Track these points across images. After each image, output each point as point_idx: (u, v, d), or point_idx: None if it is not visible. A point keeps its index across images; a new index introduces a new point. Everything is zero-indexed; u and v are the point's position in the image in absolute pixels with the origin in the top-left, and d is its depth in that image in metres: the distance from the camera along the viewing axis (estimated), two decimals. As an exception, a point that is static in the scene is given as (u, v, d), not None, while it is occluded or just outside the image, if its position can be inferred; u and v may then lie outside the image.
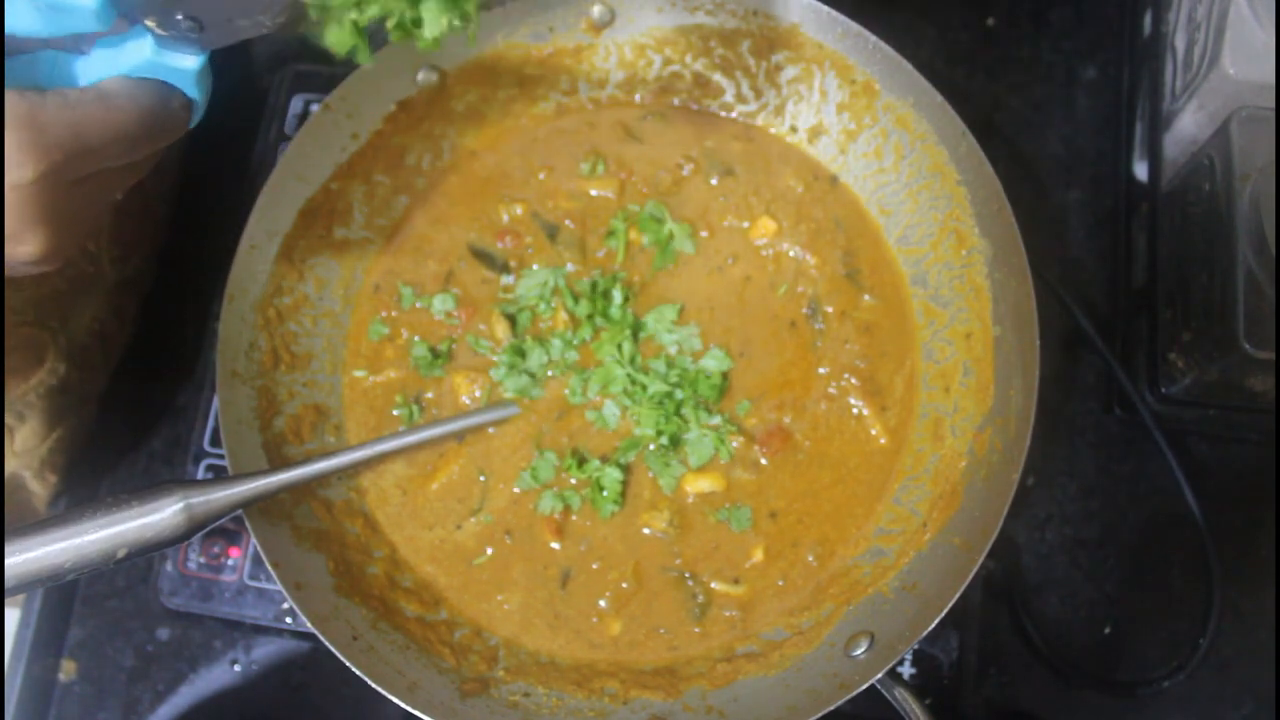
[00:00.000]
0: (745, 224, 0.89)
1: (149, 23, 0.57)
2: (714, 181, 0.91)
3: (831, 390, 0.85)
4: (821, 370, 0.85)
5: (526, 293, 0.87)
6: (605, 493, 0.81)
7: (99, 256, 0.86)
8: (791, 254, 0.88)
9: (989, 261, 0.80)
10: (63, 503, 0.97)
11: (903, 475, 0.82)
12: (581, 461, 0.82)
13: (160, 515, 0.66)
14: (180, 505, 0.66)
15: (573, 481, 0.82)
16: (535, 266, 0.88)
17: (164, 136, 0.61)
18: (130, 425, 1.01)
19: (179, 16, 0.57)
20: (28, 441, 0.88)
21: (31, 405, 0.86)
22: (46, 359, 0.85)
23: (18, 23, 0.55)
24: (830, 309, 0.86)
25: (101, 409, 0.98)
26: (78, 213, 0.59)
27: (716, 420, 0.83)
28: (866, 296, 0.87)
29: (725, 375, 0.84)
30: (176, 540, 0.67)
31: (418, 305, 0.88)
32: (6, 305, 0.80)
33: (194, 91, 0.62)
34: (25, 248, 0.57)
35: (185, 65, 0.60)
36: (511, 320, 0.87)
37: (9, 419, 0.86)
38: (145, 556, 0.67)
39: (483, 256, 0.89)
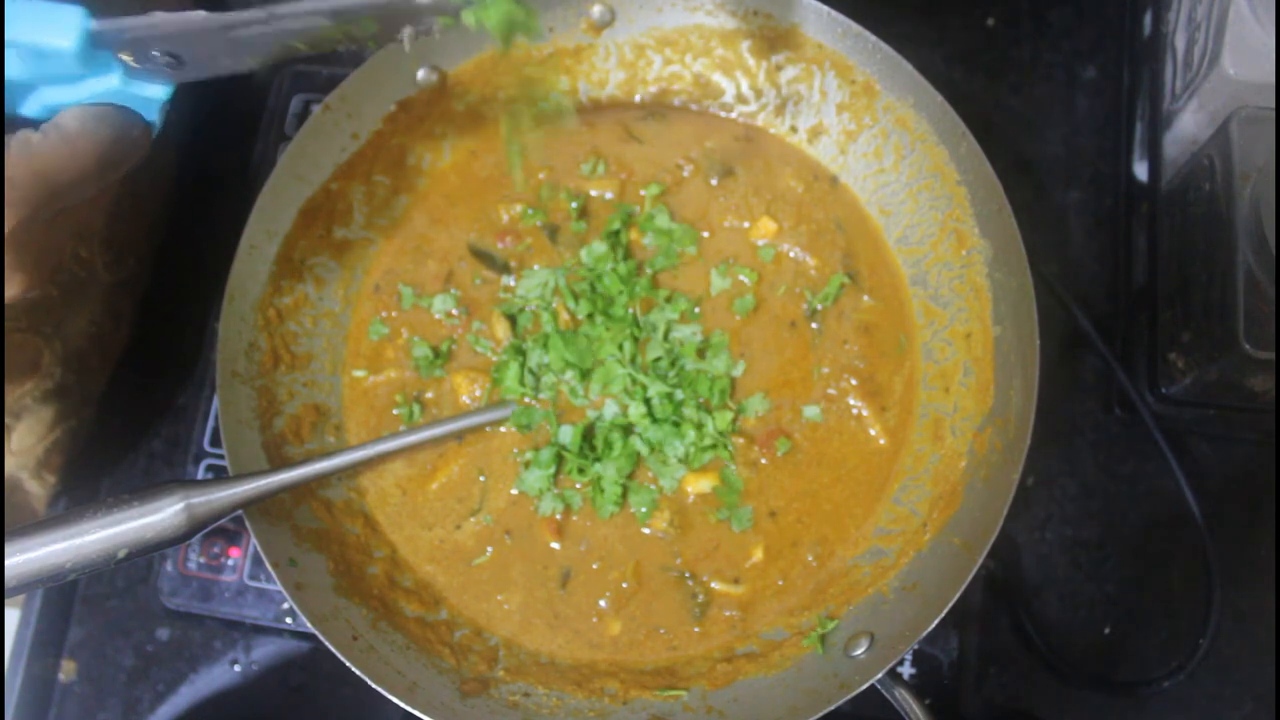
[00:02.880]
0: (745, 224, 0.89)
1: (124, 56, 0.56)
2: (714, 182, 0.91)
3: (831, 391, 0.85)
4: (822, 370, 0.85)
5: (527, 293, 0.87)
6: (605, 493, 0.81)
7: (92, 261, 0.86)
8: (792, 254, 0.88)
9: (989, 261, 0.80)
10: (63, 503, 0.97)
11: (902, 475, 0.82)
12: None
13: (161, 515, 0.66)
14: (181, 505, 0.66)
15: (578, 486, 0.82)
16: (535, 267, 0.88)
17: (126, 164, 0.60)
18: (130, 425, 1.01)
19: (156, 53, 0.56)
20: (24, 441, 0.88)
21: (28, 408, 0.86)
22: (41, 364, 0.85)
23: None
24: (830, 309, 0.86)
25: (101, 410, 0.98)
26: (51, 244, 0.60)
27: (717, 419, 0.83)
28: (866, 297, 0.87)
29: (731, 378, 0.84)
30: (177, 540, 0.67)
31: (418, 305, 0.88)
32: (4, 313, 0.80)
33: (155, 116, 0.61)
34: (9, 290, 0.59)
35: (151, 94, 0.59)
36: (512, 320, 0.87)
37: (5, 420, 0.86)
38: (145, 556, 0.67)
39: (483, 256, 0.89)
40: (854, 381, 0.84)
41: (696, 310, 0.86)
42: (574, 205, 0.90)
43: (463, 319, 0.88)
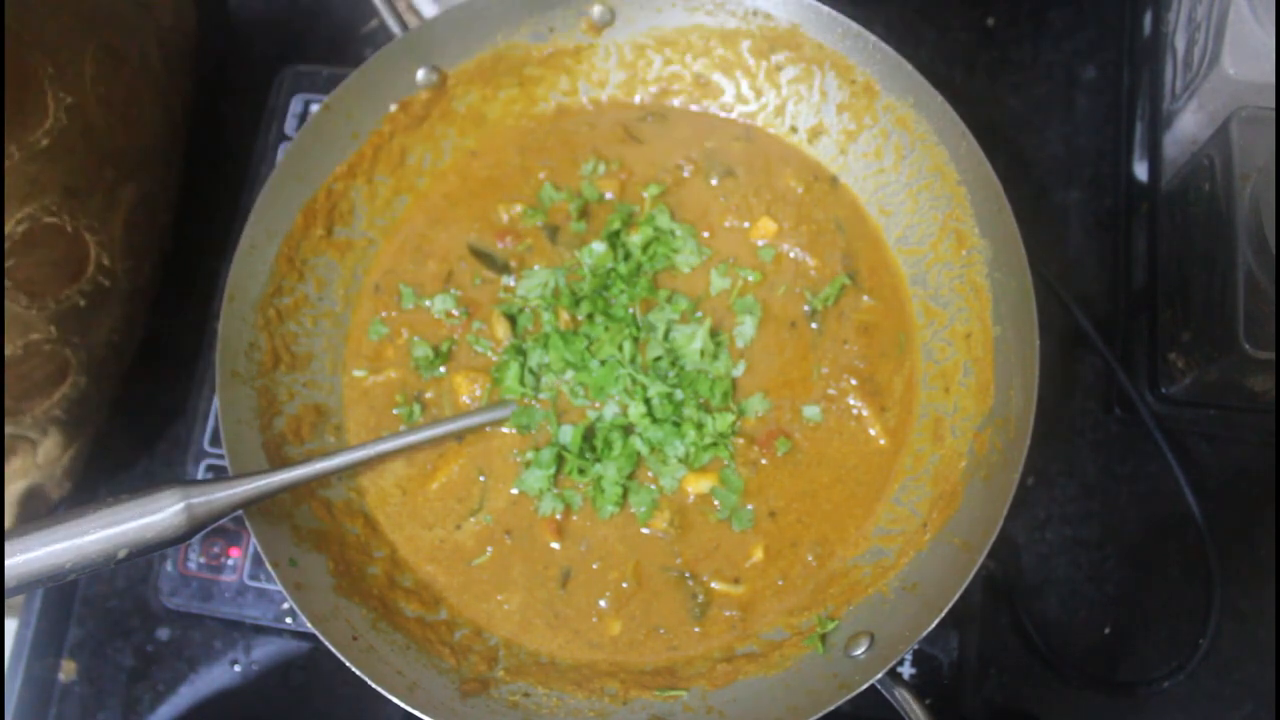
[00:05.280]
0: (746, 224, 0.89)
1: None
2: (714, 182, 0.91)
3: (831, 391, 0.85)
4: (822, 370, 0.85)
5: (527, 293, 0.87)
6: (605, 493, 0.81)
7: (114, 270, 0.86)
8: (792, 255, 0.88)
9: (989, 261, 0.80)
10: (64, 503, 0.97)
11: (902, 475, 0.82)
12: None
13: (161, 515, 0.66)
14: (181, 505, 0.66)
15: (580, 486, 0.82)
16: (536, 267, 0.88)
17: None
18: (131, 425, 1.01)
19: None
20: (50, 454, 0.88)
21: (55, 420, 0.86)
22: (69, 374, 0.85)
23: None
24: (830, 309, 0.86)
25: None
26: None
27: (717, 420, 0.83)
28: (866, 297, 0.87)
29: (732, 379, 0.84)
30: (177, 540, 0.67)
31: (418, 305, 0.88)
32: (29, 327, 0.81)
33: None
34: None
35: None
36: (512, 320, 0.87)
37: (32, 434, 0.86)
38: (145, 557, 0.67)
39: (483, 256, 0.89)
40: (854, 381, 0.84)
41: (699, 314, 0.86)
42: (574, 205, 0.90)
43: (463, 319, 0.88)
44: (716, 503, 0.81)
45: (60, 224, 0.79)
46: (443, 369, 0.86)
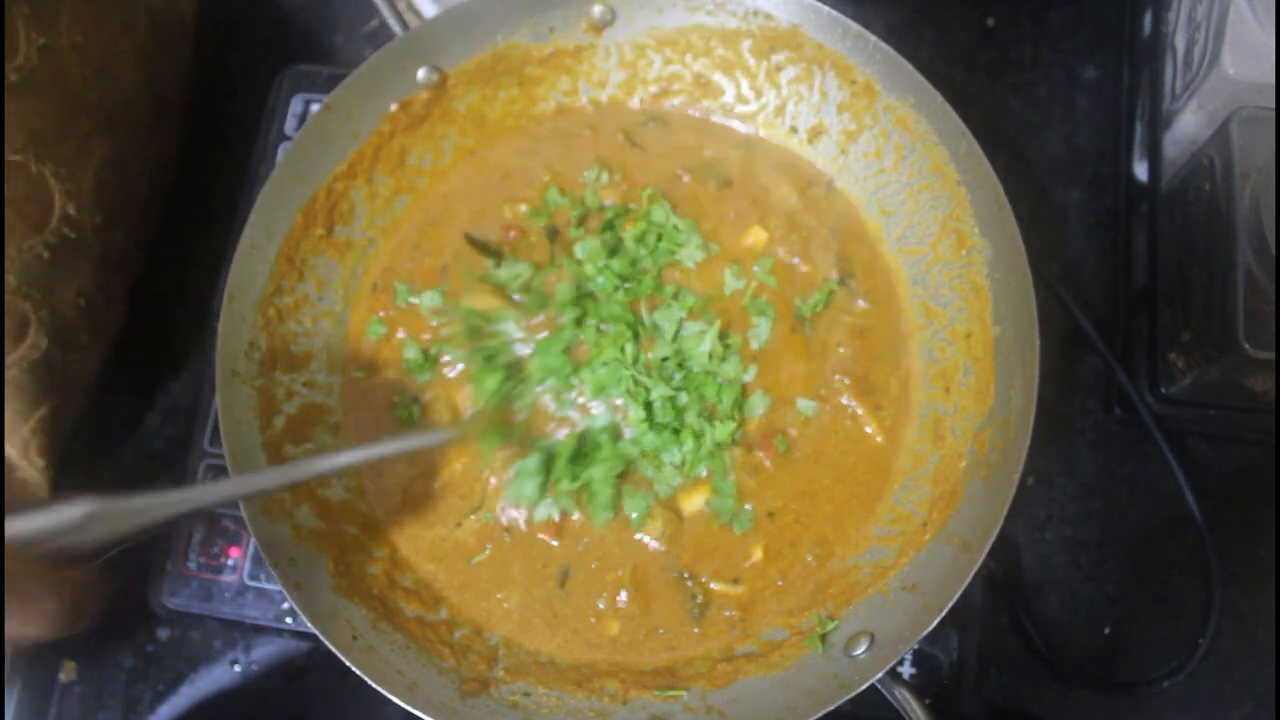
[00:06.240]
0: (744, 229, 0.89)
1: None
2: (712, 187, 0.90)
3: (823, 391, 0.84)
4: (817, 372, 0.85)
5: (508, 279, 0.86)
6: (597, 497, 0.80)
7: (81, 223, 0.84)
8: (788, 260, 0.88)
9: (989, 261, 0.80)
10: (45, 485, 0.96)
11: (902, 475, 0.82)
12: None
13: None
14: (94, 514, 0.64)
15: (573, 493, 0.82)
16: (516, 259, 0.88)
17: None
18: (130, 425, 1.01)
19: None
20: (11, 420, 0.87)
21: (13, 381, 0.85)
22: (29, 333, 0.84)
23: None
24: (824, 314, 0.86)
25: (101, 407, 0.98)
26: None
27: (717, 430, 0.81)
28: (861, 301, 0.87)
29: (743, 384, 0.83)
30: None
31: (411, 303, 0.87)
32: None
33: None
34: None
35: None
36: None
37: None
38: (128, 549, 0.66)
39: (479, 244, 0.89)
40: (847, 382, 0.84)
41: (713, 318, 0.85)
42: (575, 213, 0.89)
43: (452, 320, 0.87)
44: (712, 511, 0.81)
45: (24, 162, 0.78)
46: (431, 372, 0.86)
